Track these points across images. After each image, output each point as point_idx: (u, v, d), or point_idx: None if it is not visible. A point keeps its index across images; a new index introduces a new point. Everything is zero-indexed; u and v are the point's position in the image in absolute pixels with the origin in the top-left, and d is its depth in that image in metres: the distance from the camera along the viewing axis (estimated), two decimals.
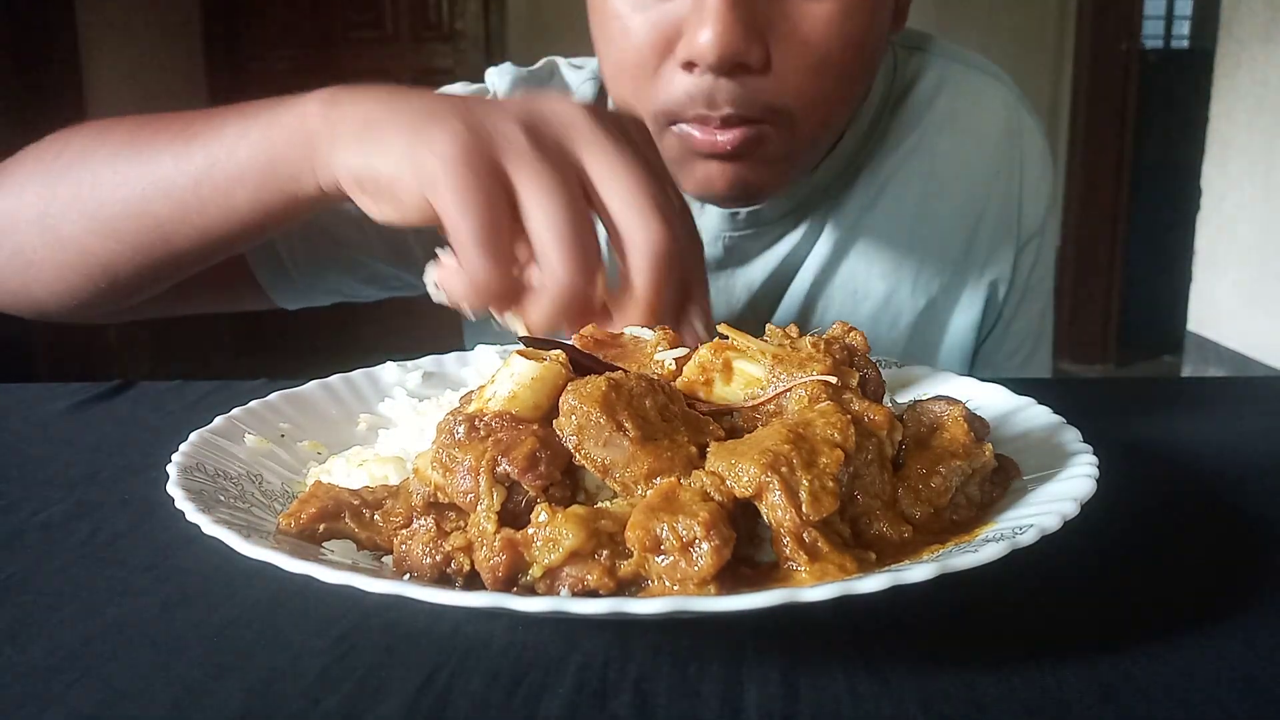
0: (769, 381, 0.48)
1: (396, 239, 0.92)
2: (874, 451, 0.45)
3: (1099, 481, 0.46)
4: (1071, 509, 0.43)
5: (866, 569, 0.41)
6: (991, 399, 0.62)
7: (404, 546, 0.45)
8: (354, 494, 0.48)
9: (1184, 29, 4.90)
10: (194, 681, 0.40)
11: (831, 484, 0.42)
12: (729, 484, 0.42)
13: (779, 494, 0.41)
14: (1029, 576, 0.45)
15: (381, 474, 0.53)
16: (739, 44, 0.70)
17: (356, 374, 0.69)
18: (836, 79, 0.77)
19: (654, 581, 0.40)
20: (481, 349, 0.74)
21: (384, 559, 0.47)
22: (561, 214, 0.54)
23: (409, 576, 0.44)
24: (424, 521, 0.45)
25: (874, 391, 0.51)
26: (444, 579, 0.44)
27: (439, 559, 0.43)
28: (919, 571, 0.37)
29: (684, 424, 0.45)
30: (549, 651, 0.41)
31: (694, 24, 0.71)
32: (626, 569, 0.40)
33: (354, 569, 0.40)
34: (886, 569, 0.40)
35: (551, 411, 0.45)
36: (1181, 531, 0.54)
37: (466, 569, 0.43)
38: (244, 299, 0.92)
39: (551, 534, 0.41)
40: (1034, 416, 0.58)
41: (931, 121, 0.93)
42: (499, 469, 0.43)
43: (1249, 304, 3.26)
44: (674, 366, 0.52)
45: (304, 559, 0.40)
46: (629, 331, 0.58)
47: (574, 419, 0.43)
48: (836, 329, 0.54)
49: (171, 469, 0.49)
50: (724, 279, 0.94)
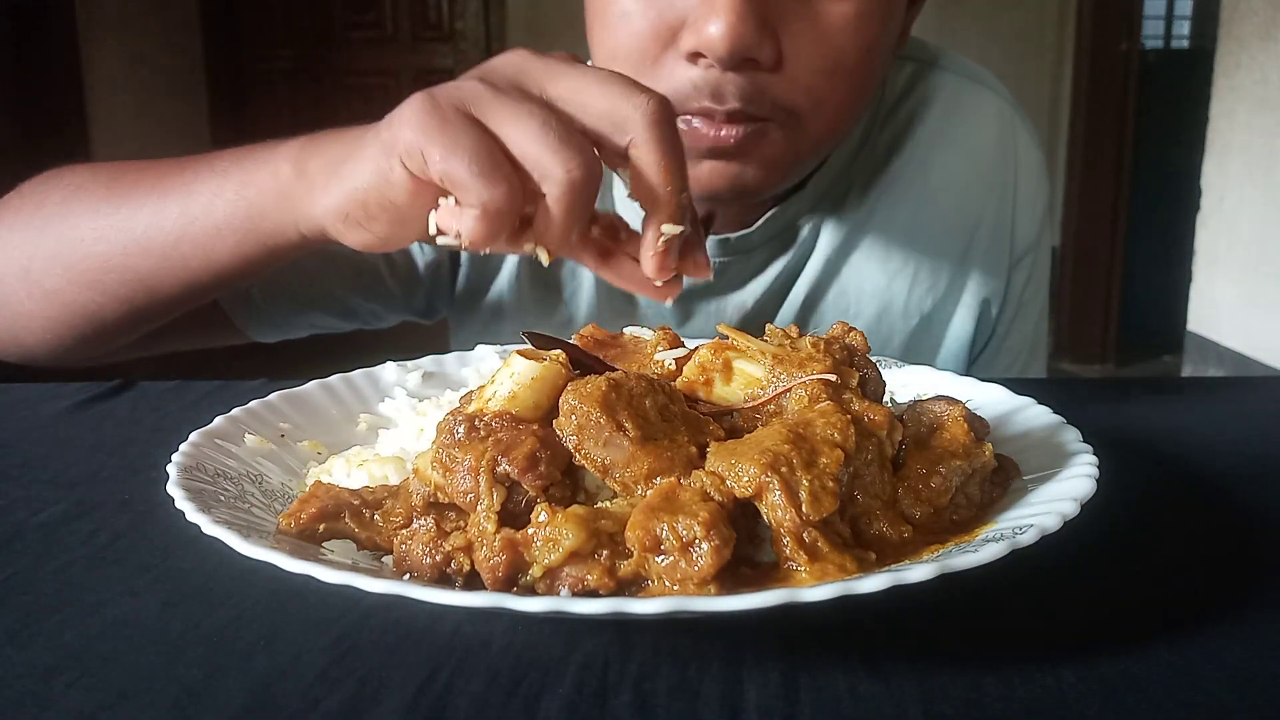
0: (769, 381, 0.48)
1: (367, 271, 0.91)
2: (874, 451, 0.45)
3: (1099, 481, 0.46)
4: (1071, 509, 0.43)
5: (866, 569, 0.41)
6: (991, 399, 0.62)
7: (404, 546, 0.45)
8: (354, 494, 0.48)
9: (1184, 29, 4.90)
10: (194, 681, 0.40)
11: (831, 484, 0.42)
12: (729, 484, 0.42)
13: (779, 494, 0.41)
14: (1029, 576, 0.45)
15: (381, 474, 0.53)
16: (751, 38, 0.68)
17: (356, 374, 0.69)
18: (848, 84, 0.75)
19: (654, 581, 0.40)
20: (481, 349, 0.74)
21: (384, 559, 0.47)
22: (543, 126, 0.53)
23: (409, 576, 0.44)
24: (424, 521, 0.45)
25: (874, 391, 0.51)
26: (444, 579, 0.44)
27: (439, 559, 0.43)
28: (919, 571, 0.37)
29: (684, 424, 0.45)
30: (549, 651, 0.41)
31: (704, 13, 0.69)
32: (626, 569, 0.40)
33: (354, 569, 0.40)
34: (886, 569, 0.40)
35: (551, 411, 0.45)
36: (1181, 531, 0.54)
37: (466, 569, 0.43)
38: (220, 335, 0.92)
39: (551, 534, 0.41)
40: (1034, 416, 0.58)
41: (923, 136, 0.91)
42: (499, 469, 0.43)
43: (1249, 304, 3.26)
44: (674, 366, 0.52)
45: (304, 559, 0.40)
46: (629, 332, 0.58)
47: (574, 419, 0.43)
48: (836, 329, 0.54)
49: (171, 469, 0.49)
50: (715, 303, 0.91)
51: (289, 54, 4.39)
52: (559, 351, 0.49)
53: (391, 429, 0.61)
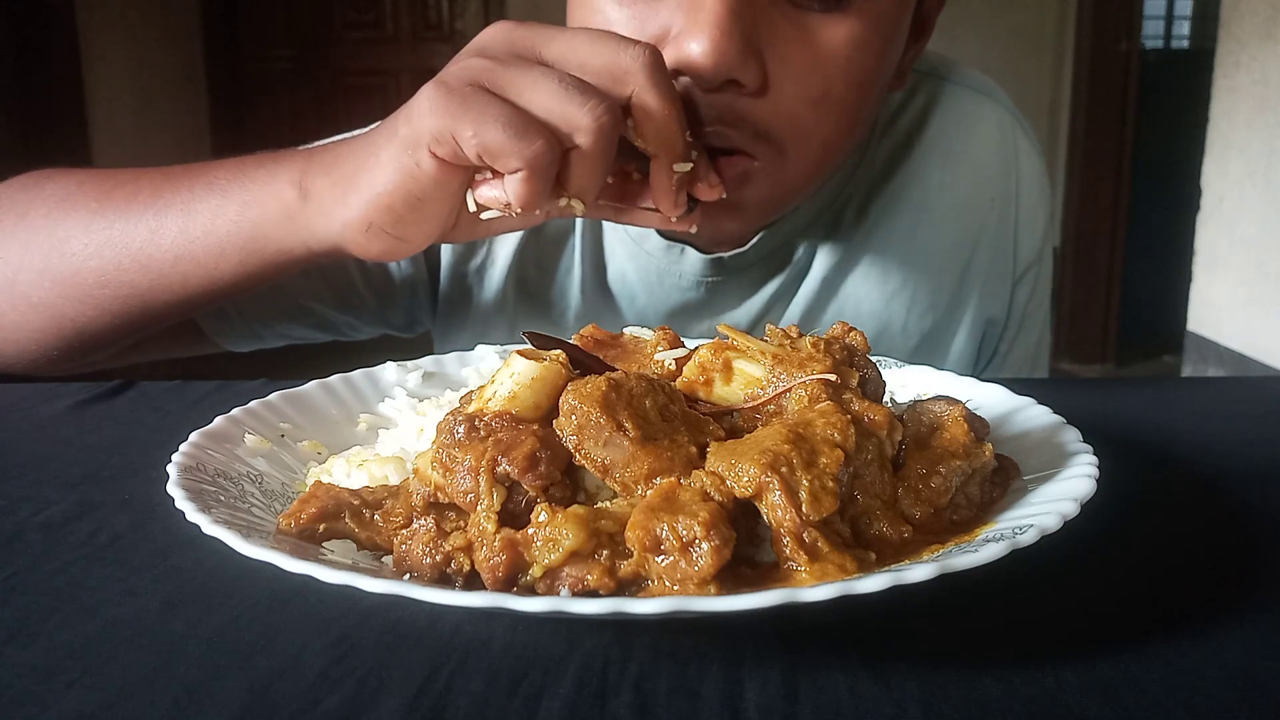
0: (769, 381, 0.48)
1: (342, 284, 0.89)
2: (874, 451, 0.45)
3: (1099, 481, 0.46)
4: (1071, 509, 0.43)
5: (866, 569, 0.41)
6: (991, 399, 0.62)
7: (404, 546, 0.45)
8: (354, 494, 0.48)
9: (1184, 29, 4.90)
10: (194, 681, 0.40)
11: (831, 484, 0.42)
12: (729, 484, 0.42)
13: (779, 494, 0.41)
14: (1029, 576, 0.45)
15: (381, 474, 0.53)
16: (735, 58, 0.63)
17: (356, 374, 0.69)
18: (835, 116, 0.70)
19: (654, 581, 0.40)
20: (481, 349, 0.74)
21: (384, 559, 0.47)
22: (559, 82, 0.56)
23: (409, 576, 0.44)
24: (424, 521, 0.45)
25: (874, 391, 0.51)
26: (444, 579, 0.44)
27: (439, 559, 0.43)
28: (919, 571, 0.37)
29: (684, 424, 0.45)
30: (549, 651, 0.41)
31: (687, 30, 0.64)
32: (626, 569, 0.40)
33: (354, 569, 0.40)
34: (886, 569, 0.40)
35: (551, 411, 0.45)
36: (1181, 531, 0.54)
37: (466, 569, 0.43)
38: (193, 345, 0.91)
39: (551, 534, 0.41)
40: (1034, 416, 0.58)
41: (922, 149, 0.88)
42: (499, 469, 0.43)
43: (1249, 304, 3.25)
44: (674, 366, 0.52)
45: (304, 559, 0.40)
46: (629, 332, 0.58)
47: (574, 419, 0.43)
48: (836, 329, 0.54)
49: (171, 469, 0.49)
50: (707, 323, 0.89)
51: (289, 54, 4.40)
52: (559, 351, 0.49)
53: (391, 429, 0.61)
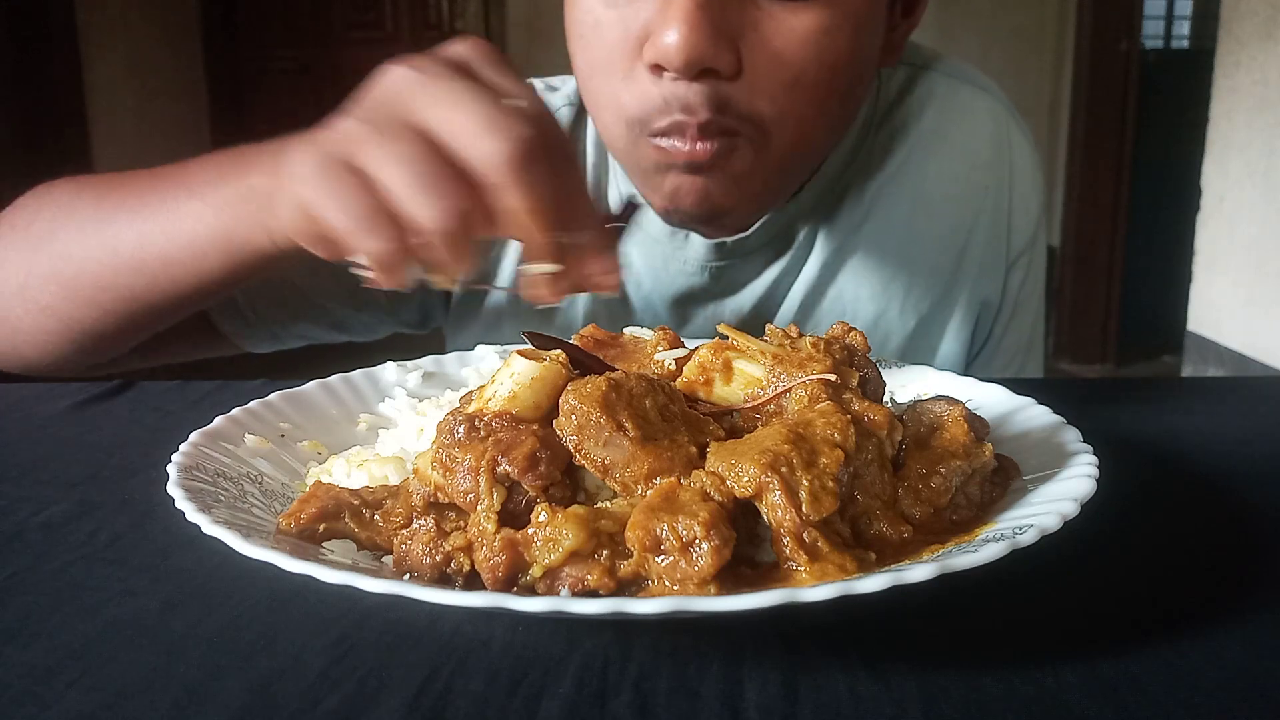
0: (769, 381, 0.48)
1: (354, 283, 0.89)
2: (874, 451, 0.45)
3: (1099, 481, 0.46)
4: (1071, 509, 0.43)
5: (866, 569, 0.41)
6: (991, 399, 0.62)
7: (404, 546, 0.45)
8: (354, 494, 0.48)
9: (1184, 29, 4.90)
10: (194, 681, 0.40)
11: (831, 484, 0.42)
12: (729, 484, 0.42)
13: (779, 494, 0.41)
14: (1029, 576, 0.45)
15: (381, 474, 0.53)
16: (706, 47, 0.68)
17: (356, 374, 0.69)
18: (811, 98, 0.74)
19: (654, 581, 0.40)
20: (481, 349, 0.74)
21: (384, 559, 0.47)
22: (409, 173, 0.52)
23: (409, 576, 0.44)
24: (424, 521, 0.45)
25: (874, 391, 0.51)
26: (444, 579, 0.44)
27: (439, 559, 0.43)
28: (919, 571, 0.37)
29: (684, 424, 0.45)
30: (549, 651, 0.41)
31: (659, 24, 0.69)
32: (626, 569, 0.40)
33: (354, 569, 0.40)
34: (886, 569, 0.40)
35: (552, 411, 0.45)
36: (1181, 531, 0.54)
37: (466, 569, 0.43)
38: (215, 347, 0.93)
39: (551, 534, 0.41)
40: (1034, 416, 0.58)
41: (917, 140, 0.91)
42: (499, 469, 0.43)
43: (1249, 304, 3.25)
44: (674, 366, 0.52)
45: (304, 559, 0.40)
46: (629, 332, 0.58)
47: (574, 419, 0.43)
48: (836, 329, 0.54)
49: (171, 469, 0.49)
50: (712, 307, 0.92)
51: (289, 54, 4.40)
52: (559, 351, 0.49)
53: (391, 429, 0.61)
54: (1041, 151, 0.96)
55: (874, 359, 0.53)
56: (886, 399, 0.55)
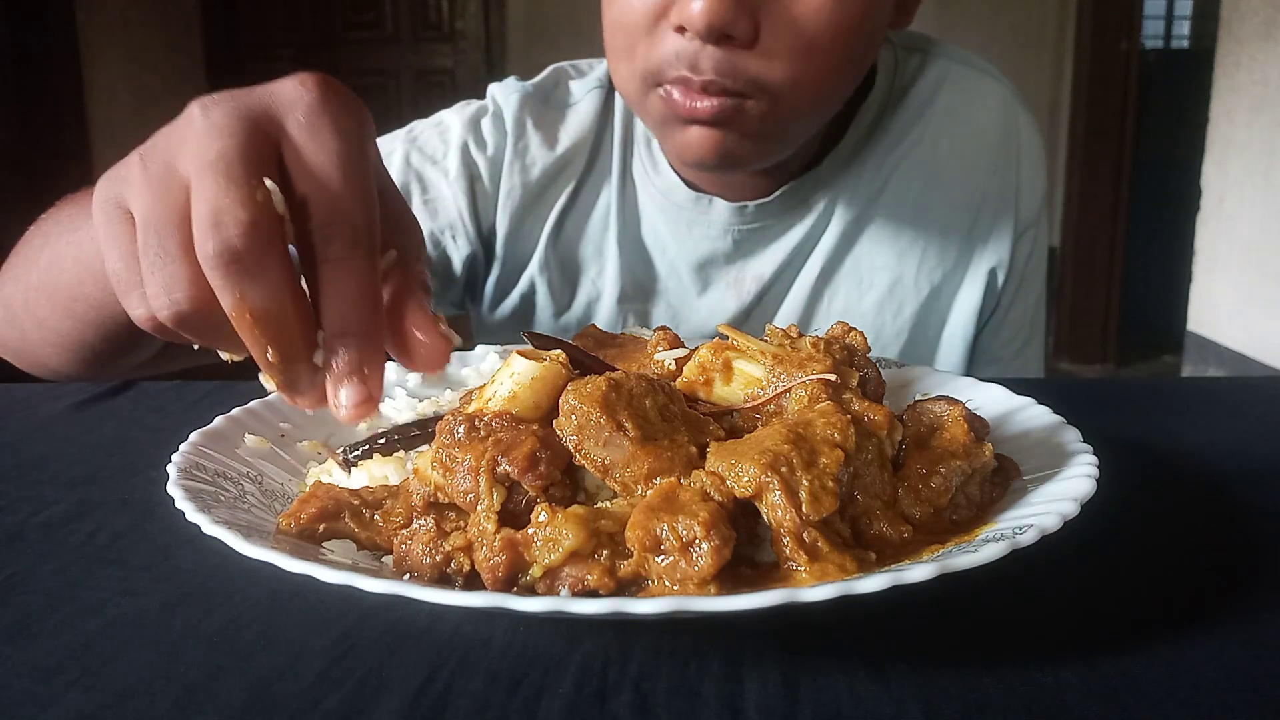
0: (769, 381, 0.48)
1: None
2: (874, 451, 0.45)
3: (1099, 481, 0.46)
4: (1071, 509, 0.43)
5: (866, 569, 0.41)
6: (991, 399, 0.62)
7: (404, 546, 0.45)
8: (354, 494, 0.48)
9: (1184, 29, 4.90)
10: (194, 681, 0.40)
11: (831, 484, 0.42)
12: (729, 484, 0.42)
13: (779, 494, 0.41)
14: (1029, 576, 0.45)
15: (381, 474, 0.53)
16: (728, 14, 0.72)
17: None
18: (822, 63, 0.78)
19: (654, 581, 0.40)
20: (481, 349, 0.74)
21: (384, 559, 0.47)
22: (143, 247, 0.45)
23: (409, 576, 0.44)
24: (424, 521, 0.45)
25: (874, 391, 0.51)
26: (444, 579, 0.44)
27: (439, 559, 0.43)
28: (919, 571, 0.37)
29: (684, 424, 0.45)
30: (549, 651, 0.41)
31: None
32: (626, 569, 0.40)
33: (354, 569, 0.40)
34: (886, 569, 0.40)
35: (551, 411, 0.45)
36: (1181, 531, 0.54)
37: (466, 569, 0.43)
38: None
39: (551, 534, 0.41)
40: (1034, 416, 0.58)
41: (932, 118, 0.96)
42: (499, 469, 0.43)
43: (1249, 304, 3.26)
44: (674, 366, 0.52)
45: (304, 559, 0.40)
46: (629, 332, 0.58)
47: (574, 419, 0.43)
48: (836, 329, 0.54)
49: (171, 469, 0.49)
50: (734, 271, 0.96)
51: (289, 54, 4.40)
52: (559, 351, 0.49)
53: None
54: (1041, 138, 1.02)
55: (875, 358, 0.53)
56: (886, 399, 0.55)
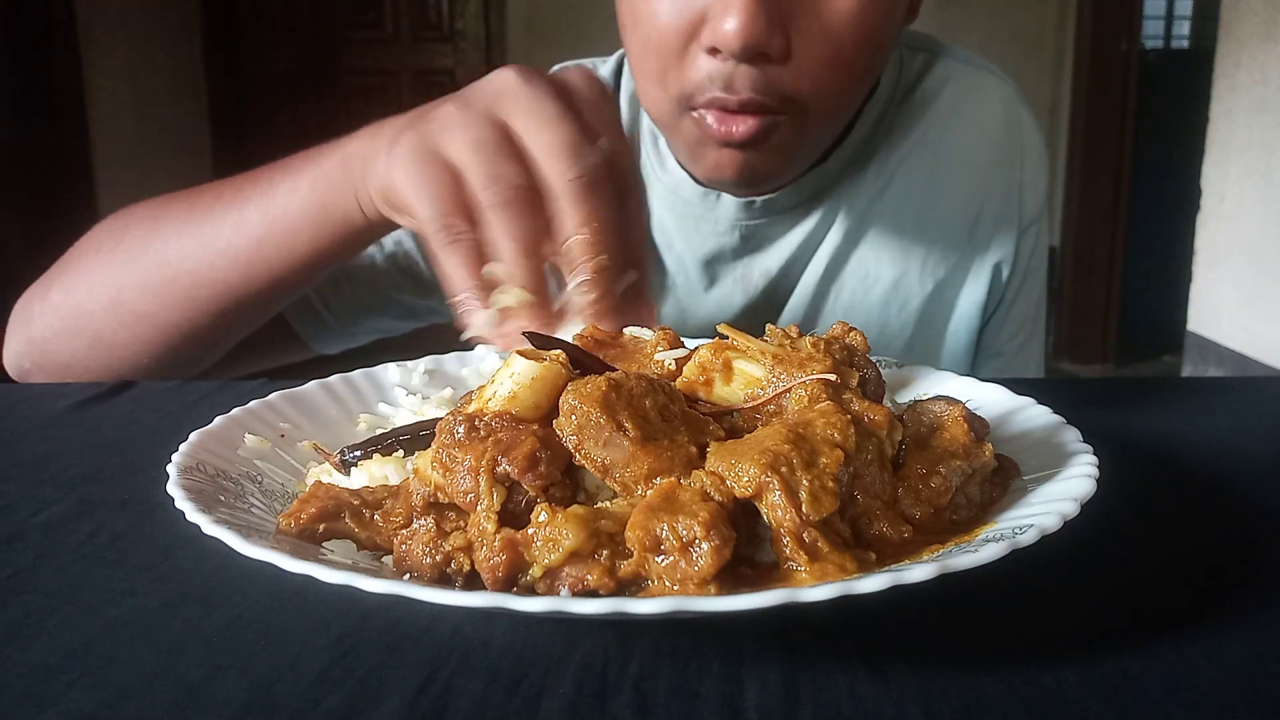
0: (769, 381, 0.48)
1: (418, 273, 0.96)
2: (874, 451, 0.45)
3: (1099, 481, 0.46)
4: (1071, 509, 0.43)
5: (866, 569, 0.41)
6: (991, 399, 0.62)
7: (404, 546, 0.45)
8: (354, 494, 0.48)
9: (1184, 29, 4.90)
10: (194, 681, 0.40)
11: (831, 484, 0.42)
12: (729, 484, 0.42)
13: (779, 494, 0.41)
14: (1029, 576, 0.45)
15: (381, 474, 0.53)
16: (763, 34, 0.73)
17: (356, 374, 0.69)
18: (849, 72, 0.80)
19: (654, 581, 0.40)
20: (481, 349, 0.74)
21: (384, 559, 0.47)
22: (483, 158, 0.57)
23: (409, 576, 0.44)
24: (424, 521, 0.45)
25: (874, 391, 0.51)
26: (444, 579, 0.44)
27: (439, 559, 0.43)
28: (919, 571, 0.37)
29: (684, 424, 0.45)
30: (549, 651, 0.41)
31: (720, 11, 0.74)
32: (626, 569, 0.40)
33: (354, 569, 0.40)
34: (886, 569, 0.40)
35: (552, 411, 0.45)
36: (1182, 531, 0.54)
37: (466, 569, 0.43)
38: (289, 353, 0.97)
39: (551, 534, 0.41)
40: (1034, 416, 0.58)
41: (936, 116, 0.97)
42: (499, 469, 0.43)
43: (1249, 304, 3.25)
44: (674, 366, 0.52)
45: (304, 559, 0.40)
46: (629, 331, 0.58)
47: (574, 419, 0.43)
48: (837, 329, 0.54)
49: (171, 469, 0.49)
50: (741, 266, 0.97)
51: (289, 54, 4.40)
52: (559, 351, 0.49)
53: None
54: (1043, 136, 1.04)
55: (875, 358, 0.53)
56: (886, 399, 0.55)
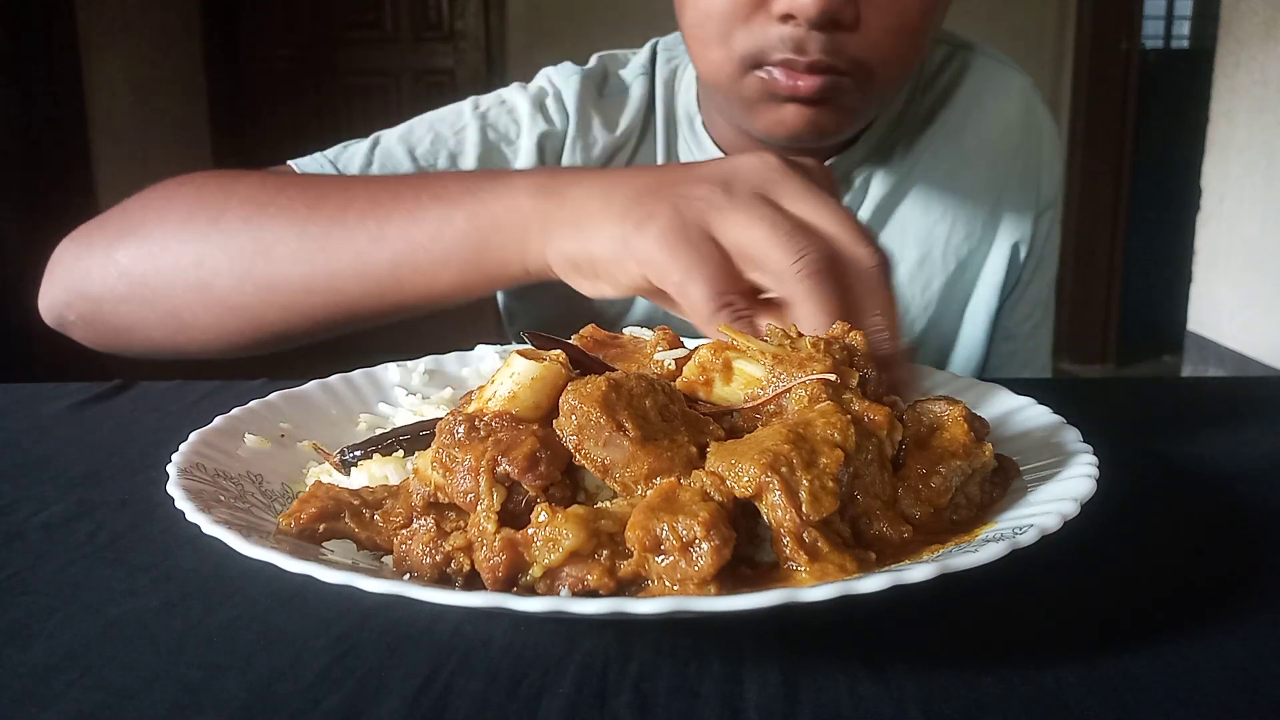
0: (769, 381, 0.48)
1: None
2: (874, 451, 0.45)
3: (1099, 481, 0.46)
4: (1071, 509, 0.43)
5: (866, 569, 0.41)
6: (991, 399, 0.62)
7: (404, 546, 0.45)
8: (354, 494, 0.48)
9: (1184, 29, 4.90)
10: (194, 681, 0.40)
11: (831, 484, 0.42)
12: (729, 484, 0.42)
13: (779, 494, 0.41)
14: (1029, 576, 0.45)
15: (381, 474, 0.53)
16: (838, 2, 0.75)
17: (356, 374, 0.69)
18: (910, 41, 0.83)
19: (654, 581, 0.40)
20: (481, 349, 0.74)
21: (384, 559, 0.47)
22: (775, 229, 0.56)
23: (409, 576, 0.44)
24: (424, 521, 0.45)
25: (874, 392, 0.51)
26: (444, 579, 0.44)
27: (439, 559, 0.43)
28: (919, 571, 0.37)
29: (684, 424, 0.45)
30: (549, 651, 0.41)
31: None
32: (626, 569, 0.40)
33: (354, 569, 0.40)
34: (886, 569, 0.40)
35: (551, 411, 0.45)
36: (1182, 531, 0.54)
37: (466, 569, 0.43)
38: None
39: (551, 534, 0.41)
40: (1034, 416, 0.58)
41: (958, 104, 1.01)
42: (499, 469, 0.43)
43: (1249, 304, 3.25)
44: (674, 367, 0.52)
45: (304, 559, 0.40)
46: (629, 332, 0.58)
47: (574, 419, 0.43)
48: (837, 328, 0.54)
49: (171, 469, 0.49)
50: None
51: (289, 54, 4.39)
52: (559, 351, 0.49)
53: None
54: (1057, 129, 1.09)
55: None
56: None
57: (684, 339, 0.56)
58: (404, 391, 0.68)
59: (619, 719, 0.37)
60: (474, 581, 0.43)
